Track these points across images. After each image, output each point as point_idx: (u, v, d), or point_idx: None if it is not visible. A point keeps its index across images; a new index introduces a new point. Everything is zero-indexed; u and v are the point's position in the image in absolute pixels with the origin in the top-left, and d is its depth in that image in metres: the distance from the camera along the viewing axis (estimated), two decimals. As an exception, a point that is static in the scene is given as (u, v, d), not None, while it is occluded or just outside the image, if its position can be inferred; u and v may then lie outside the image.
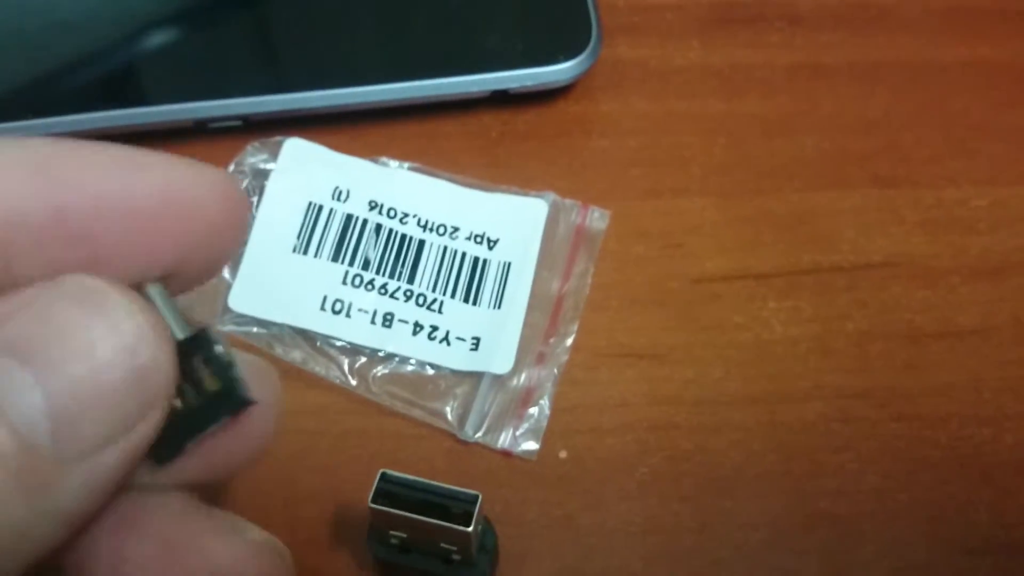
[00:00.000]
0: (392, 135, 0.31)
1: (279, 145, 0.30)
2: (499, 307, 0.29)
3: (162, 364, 0.13)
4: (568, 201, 0.30)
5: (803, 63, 0.33)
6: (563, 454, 0.27)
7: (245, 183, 0.30)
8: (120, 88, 0.30)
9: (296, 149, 0.30)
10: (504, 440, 0.27)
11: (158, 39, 0.31)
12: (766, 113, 0.32)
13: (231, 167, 0.30)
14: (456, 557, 0.23)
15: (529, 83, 0.31)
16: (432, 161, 0.31)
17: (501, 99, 0.31)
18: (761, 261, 0.30)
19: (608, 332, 0.29)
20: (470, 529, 0.22)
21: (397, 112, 0.31)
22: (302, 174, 0.30)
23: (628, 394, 0.28)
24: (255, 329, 0.28)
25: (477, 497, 0.22)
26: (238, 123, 0.30)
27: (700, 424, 0.28)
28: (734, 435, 0.27)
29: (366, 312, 0.28)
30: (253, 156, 0.30)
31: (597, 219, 0.30)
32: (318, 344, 0.28)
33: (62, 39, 0.31)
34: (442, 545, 0.23)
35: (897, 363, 0.28)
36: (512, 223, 0.30)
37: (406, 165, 0.31)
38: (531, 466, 0.27)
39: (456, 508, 0.22)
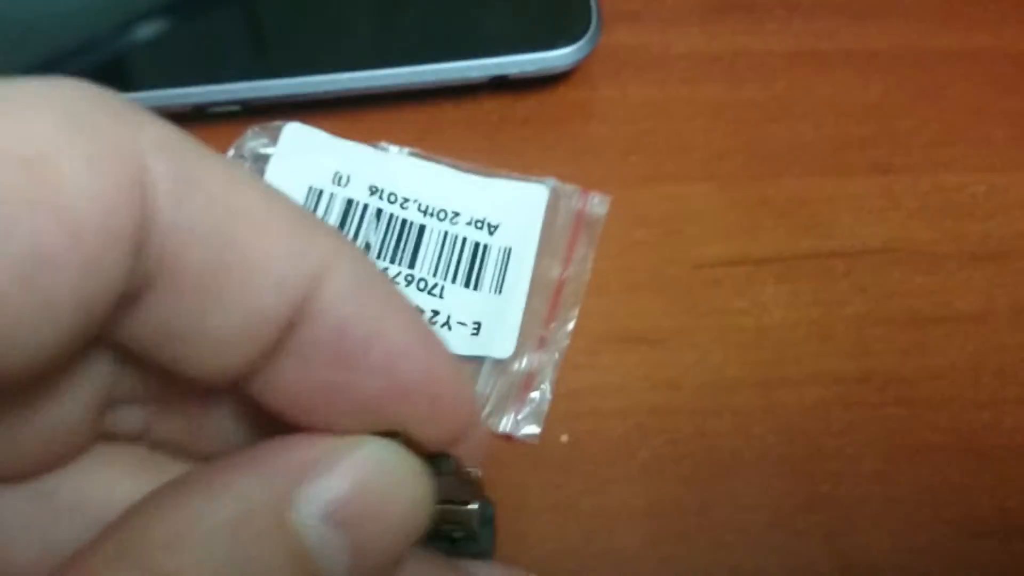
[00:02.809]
0: (392, 120, 0.31)
1: (279, 130, 0.30)
2: (500, 292, 0.29)
3: (422, 527, 0.16)
4: (568, 187, 0.30)
5: (801, 50, 0.33)
6: (564, 438, 0.27)
7: (245, 168, 0.29)
8: (117, 74, 0.30)
9: (296, 134, 0.30)
10: (506, 424, 0.27)
11: (156, 24, 0.31)
12: (765, 99, 0.32)
13: (231, 152, 0.30)
14: (458, 535, 0.23)
15: (529, 68, 0.31)
16: (432, 146, 0.31)
17: (501, 85, 0.31)
18: (761, 246, 0.30)
19: (609, 317, 0.29)
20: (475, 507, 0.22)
21: (397, 97, 0.31)
22: (302, 159, 0.30)
23: (629, 378, 0.28)
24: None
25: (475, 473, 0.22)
26: (237, 108, 0.30)
27: (700, 408, 0.28)
28: (734, 419, 0.27)
29: (367, 297, 0.28)
30: (253, 141, 0.30)
31: (597, 205, 0.30)
32: (319, 329, 0.28)
33: (58, 25, 0.30)
34: (442, 528, 0.23)
35: (896, 347, 0.29)
36: (513, 208, 0.30)
37: (406, 150, 0.30)
38: (532, 450, 0.27)
39: None
